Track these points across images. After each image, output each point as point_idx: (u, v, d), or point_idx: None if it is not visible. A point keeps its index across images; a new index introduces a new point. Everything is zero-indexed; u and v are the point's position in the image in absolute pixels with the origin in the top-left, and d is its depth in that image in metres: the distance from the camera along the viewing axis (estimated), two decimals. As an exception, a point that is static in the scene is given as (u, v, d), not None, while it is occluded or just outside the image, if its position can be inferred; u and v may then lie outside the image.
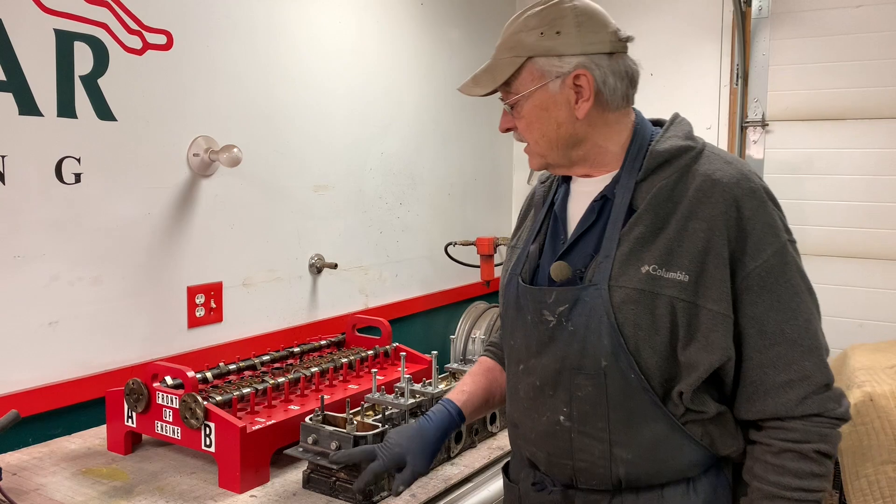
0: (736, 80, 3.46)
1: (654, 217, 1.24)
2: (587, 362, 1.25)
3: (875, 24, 3.19)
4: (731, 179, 1.23)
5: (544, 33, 1.28)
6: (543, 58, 1.28)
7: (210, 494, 1.65)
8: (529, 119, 1.33)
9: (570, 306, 1.27)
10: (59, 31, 1.94)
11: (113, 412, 1.88)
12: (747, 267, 1.22)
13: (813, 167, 3.36)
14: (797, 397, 1.21)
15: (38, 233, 1.94)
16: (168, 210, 2.24)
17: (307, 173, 2.73)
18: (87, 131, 2.02)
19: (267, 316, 2.60)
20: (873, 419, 2.50)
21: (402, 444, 1.43)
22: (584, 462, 1.29)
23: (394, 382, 1.95)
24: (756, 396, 1.23)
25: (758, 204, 1.23)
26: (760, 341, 1.22)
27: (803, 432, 1.21)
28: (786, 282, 1.23)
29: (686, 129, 1.33)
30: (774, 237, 1.24)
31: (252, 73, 2.48)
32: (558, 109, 1.30)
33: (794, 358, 1.21)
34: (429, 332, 3.43)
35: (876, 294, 3.25)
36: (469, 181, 3.69)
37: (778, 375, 1.22)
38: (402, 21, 3.19)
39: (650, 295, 1.21)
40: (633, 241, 1.24)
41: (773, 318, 1.22)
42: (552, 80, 1.28)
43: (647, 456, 1.26)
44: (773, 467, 1.22)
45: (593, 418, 1.27)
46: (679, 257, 1.21)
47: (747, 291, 1.22)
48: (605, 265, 1.25)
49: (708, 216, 1.21)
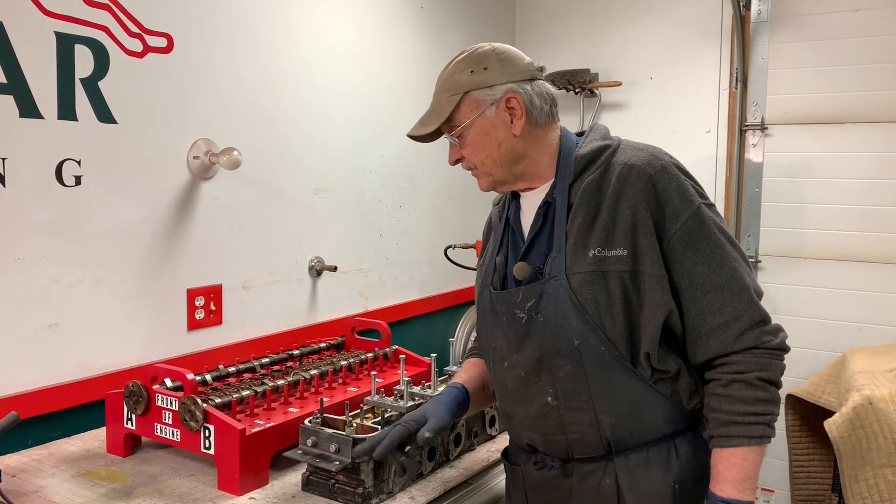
0: (735, 84, 3.46)
1: (587, 208, 1.43)
2: (562, 345, 1.43)
3: (874, 27, 3.19)
4: (644, 161, 1.42)
5: (474, 71, 1.48)
6: (477, 90, 1.47)
7: (209, 497, 1.65)
8: (474, 144, 1.50)
9: (537, 300, 1.45)
10: (60, 34, 1.94)
11: (112, 414, 1.88)
12: (669, 231, 1.40)
13: (812, 171, 3.36)
14: (734, 334, 1.38)
15: (39, 235, 1.94)
16: (168, 212, 2.25)
17: (307, 176, 2.74)
18: (87, 134, 2.02)
19: (266, 318, 2.60)
20: (872, 423, 2.50)
21: (420, 409, 1.56)
22: (576, 433, 1.46)
23: (393, 385, 1.95)
24: (700, 341, 1.41)
25: (669, 177, 1.41)
26: (692, 292, 1.40)
27: (745, 364, 1.38)
28: (706, 238, 1.40)
29: (602, 132, 1.54)
30: (688, 202, 1.41)
31: (252, 76, 2.48)
32: (497, 131, 1.48)
33: (724, 301, 1.39)
34: (428, 334, 3.43)
35: (875, 298, 3.25)
36: (469, 184, 3.65)
37: (713, 319, 1.39)
38: (403, 24, 3.19)
39: (601, 274, 1.40)
40: (576, 232, 1.43)
41: (699, 270, 1.40)
42: (488, 108, 1.47)
43: (628, 415, 1.44)
44: (724, 398, 1.39)
45: (576, 392, 1.44)
46: (616, 236, 1.40)
47: (673, 252, 1.40)
48: (560, 258, 1.43)
49: (630, 196, 1.40)
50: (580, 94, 3.71)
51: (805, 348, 3.29)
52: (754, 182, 3.47)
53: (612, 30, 3.75)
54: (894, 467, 2.47)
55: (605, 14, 3.77)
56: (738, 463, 1.37)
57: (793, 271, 3.35)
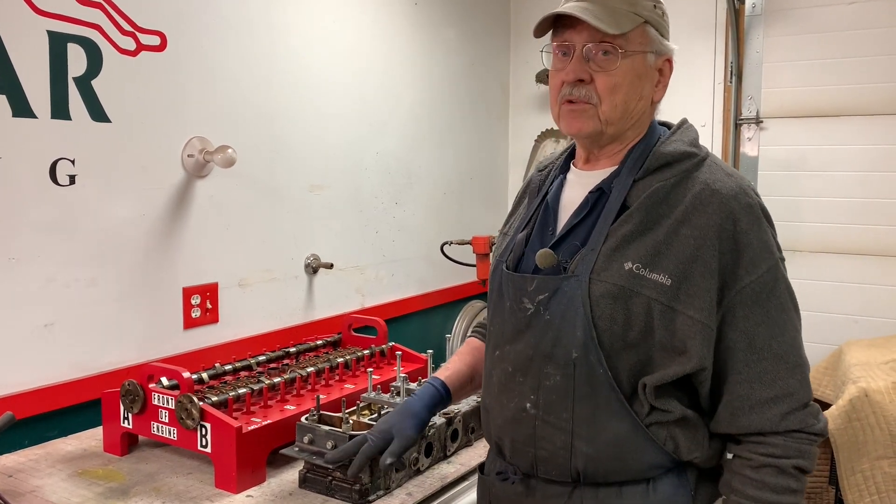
0: (730, 78, 3.46)
1: (644, 216, 1.25)
2: (558, 352, 1.27)
3: (868, 20, 3.19)
4: (730, 192, 1.24)
5: (656, 7, 1.31)
6: (654, 29, 1.30)
7: (206, 495, 1.65)
8: (620, 80, 1.27)
9: (550, 295, 1.28)
10: (53, 33, 1.94)
11: (109, 413, 1.87)
12: (742, 281, 1.22)
13: (807, 164, 3.37)
14: (780, 413, 1.22)
15: (33, 235, 1.94)
16: (163, 211, 2.24)
17: (303, 173, 2.74)
18: (81, 133, 2.02)
19: (263, 316, 2.60)
20: (868, 415, 2.50)
21: (389, 420, 1.46)
22: (545, 451, 1.30)
23: (390, 382, 1.95)
24: (741, 411, 1.24)
25: (754, 220, 1.24)
26: (749, 355, 1.23)
27: (784, 448, 1.22)
28: (776, 298, 1.24)
29: (692, 136, 1.35)
30: (769, 254, 1.25)
31: (247, 74, 2.48)
32: (646, 83, 1.31)
33: (779, 374, 1.23)
34: (425, 331, 3.44)
35: (871, 290, 3.25)
36: (465, 180, 3.69)
37: (764, 391, 1.23)
38: (397, 20, 3.19)
39: (629, 292, 1.22)
40: (620, 238, 1.25)
41: (762, 333, 1.23)
42: (651, 53, 1.30)
43: (608, 453, 1.26)
44: (751, 481, 1.23)
45: (558, 408, 1.28)
46: (665, 260, 1.22)
47: (740, 306, 1.23)
48: (590, 258, 1.26)
49: (701, 225, 1.22)
50: (575, 89, 3.70)
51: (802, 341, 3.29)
52: (749, 176, 3.46)
53: (606, 24, 3.74)
54: (890, 459, 2.47)
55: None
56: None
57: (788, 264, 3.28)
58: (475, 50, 3.71)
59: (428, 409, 1.47)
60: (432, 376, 1.53)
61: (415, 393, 1.51)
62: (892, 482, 2.47)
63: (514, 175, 4.06)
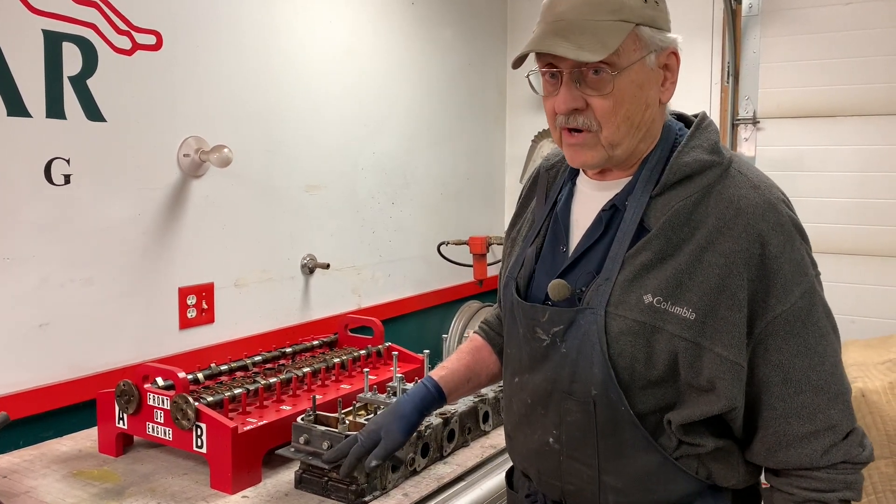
0: (727, 78, 3.47)
1: (665, 243, 1.13)
2: (577, 388, 1.18)
3: (865, 21, 3.20)
4: (758, 210, 1.12)
5: (648, 1, 1.15)
6: (648, 27, 1.14)
7: (202, 495, 1.64)
8: (621, 97, 1.14)
9: (566, 328, 1.19)
10: (48, 32, 1.93)
11: (104, 414, 1.87)
12: (773, 311, 1.11)
13: (804, 164, 3.37)
14: (822, 447, 1.13)
15: (28, 234, 1.93)
16: (159, 211, 2.24)
17: (299, 173, 2.73)
18: (76, 132, 2.01)
19: (259, 316, 2.59)
20: (865, 415, 2.51)
21: (378, 421, 1.41)
22: (573, 486, 1.24)
23: (386, 382, 1.95)
24: (779, 447, 1.14)
25: (785, 240, 1.12)
26: (785, 389, 1.13)
27: (828, 482, 1.13)
28: (813, 324, 1.13)
29: (713, 139, 1.20)
30: (803, 276, 1.13)
31: (243, 73, 2.47)
32: (650, 88, 1.16)
33: (819, 406, 1.12)
34: (422, 331, 3.43)
35: (867, 290, 3.26)
36: (462, 180, 3.69)
37: (803, 426, 1.12)
38: (394, 20, 3.18)
39: (650, 328, 1.12)
40: (638, 266, 1.14)
41: (798, 364, 1.12)
42: (650, 54, 1.15)
43: (638, 486, 1.18)
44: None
45: (582, 445, 1.20)
46: (688, 292, 1.11)
47: (772, 337, 1.12)
48: (605, 288, 1.15)
49: (728, 251, 1.10)
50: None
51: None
52: (746, 176, 3.47)
53: (603, 25, 3.74)
54: (887, 459, 2.48)
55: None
56: None
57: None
58: (472, 50, 3.70)
59: (418, 411, 1.41)
60: (427, 376, 1.47)
61: (406, 393, 1.45)
62: (888, 482, 2.47)
63: (511, 175, 4.06)
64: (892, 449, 2.47)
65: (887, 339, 3.03)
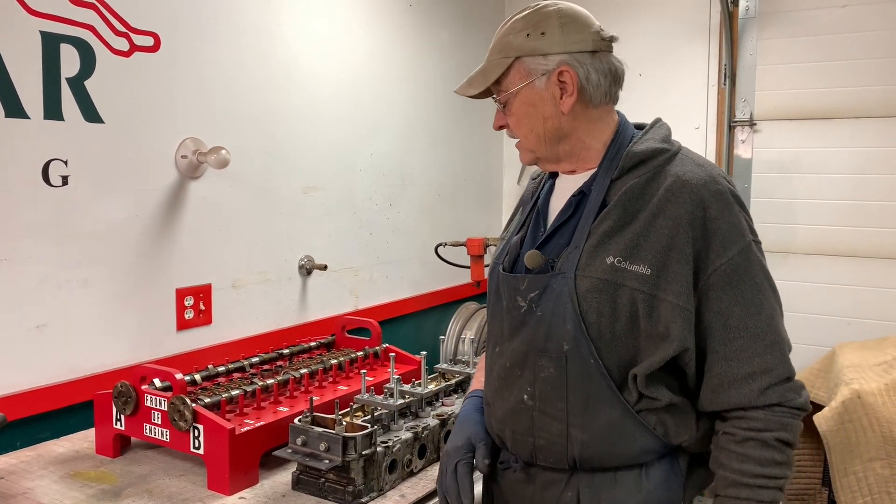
0: (724, 80, 3.47)
1: (622, 212, 1.32)
2: (551, 345, 1.34)
3: (861, 23, 3.21)
4: (700, 181, 1.31)
5: (530, 35, 1.36)
6: (530, 57, 1.37)
7: (199, 497, 1.65)
8: (519, 115, 1.41)
9: (540, 293, 1.37)
10: (45, 34, 1.93)
11: (101, 415, 1.87)
12: (714, 264, 1.29)
13: (801, 166, 3.38)
14: (759, 388, 1.28)
15: (26, 236, 1.93)
16: (156, 212, 2.24)
17: (296, 174, 2.73)
18: (74, 134, 2.01)
19: (256, 318, 2.59)
20: (861, 416, 2.51)
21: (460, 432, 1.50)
22: (544, 440, 1.38)
23: (383, 383, 1.95)
24: (720, 388, 1.30)
25: (724, 205, 1.30)
26: (725, 334, 1.29)
27: (765, 421, 1.28)
28: (750, 279, 1.30)
29: (664, 133, 1.41)
30: (739, 237, 1.30)
31: (240, 75, 2.47)
32: (544, 105, 1.38)
33: (756, 351, 1.28)
34: (419, 333, 3.43)
35: (864, 292, 3.27)
36: (459, 182, 3.69)
37: (741, 367, 1.29)
38: (392, 22, 3.19)
39: (613, 285, 1.30)
40: (601, 234, 1.32)
41: (737, 312, 1.29)
42: (538, 78, 1.36)
43: (602, 439, 1.33)
44: (736, 455, 1.29)
45: (553, 399, 1.36)
46: (643, 251, 1.29)
47: (713, 288, 1.29)
48: (574, 255, 1.34)
49: (674, 214, 1.29)
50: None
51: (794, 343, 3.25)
52: (743, 178, 3.48)
53: (601, 27, 3.75)
54: (883, 461, 2.48)
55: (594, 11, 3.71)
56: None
57: (782, 266, 3.37)
58: (469, 51, 3.70)
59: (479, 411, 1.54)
60: (472, 391, 1.62)
61: (462, 408, 1.59)
62: (884, 483, 2.47)
63: (508, 176, 4.07)
64: (887, 450, 2.47)
65: (883, 341, 3.04)
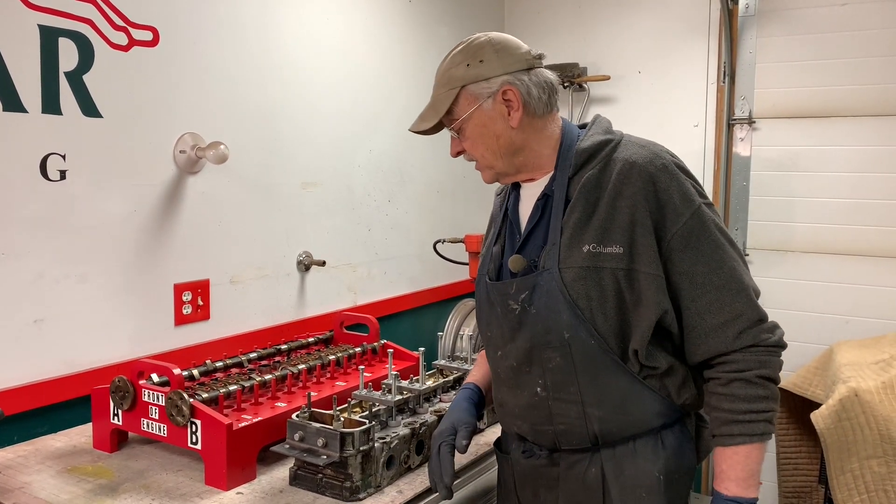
0: (723, 78, 3.47)
1: (585, 203, 1.43)
2: (552, 337, 1.45)
3: (861, 21, 3.21)
4: (645, 160, 1.42)
5: (470, 64, 1.48)
6: (473, 84, 1.48)
7: (196, 492, 1.65)
8: (473, 138, 1.51)
9: (530, 292, 1.47)
10: (44, 27, 1.93)
11: (98, 410, 1.87)
12: (670, 231, 1.40)
13: (800, 164, 3.38)
14: (733, 333, 1.39)
15: (23, 230, 1.93)
16: (154, 207, 2.23)
17: (295, 170, 2.73)
18: (72, 128, 2.01)
19: (254, 313, 2.59)
20: (858, 414, 2.52)
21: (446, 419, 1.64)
22: (563, 425, 1.49)
23: (381, 379, 1.95)
24: (699, 340, 1.42)
25: (670, 177, 1.42)
26: (693, 291, 1.41)
27: (744, 362, 1.39)
28: (706, 238, 1.41)
29: (605, 126, 1.54)
30: (689, 202, 1.41)
31: (239, 70, 2.47)
32: (495, 124, 1.49)
33: (724, 301, 1.40)
34: (417, 329, 3.43)
35: (862, 290, 3.27)
36: (458, 178, 3.69)
37: (713, 318, 1.40)
38: (391, 18, 3.18)
39: (595, 270, 1.41)
40: (572, 227, 1.43)
41: (700, 270, 1.40)
42: (485, 101, 1.48)
43: (616, 409, 1.45)
44: (724, 397, 1.41)
45: (565, 384, 1.46)
46: (612, 233, 1.40)
47: (673, 252, 1.40)
48: (553, 252, 1.45)
49: (630, 194, 1.40)
50: (569, 88, 3.71)
51: (792, 341, 3.26)
52: (742, 176, 3.48)
53: (600, 24, 3.75)
54: (880, 459, 2.49)
55: (594, 8, 3.77)
56: (742, 461, 1.39)
57: (780, 265, 3.37)
58: (469, 48, 3.70)
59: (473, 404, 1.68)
60: (465, 384, 1.75)
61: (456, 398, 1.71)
62: (881, 481, 2.48)
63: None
64: (884, 448, 2.48)
65: (880, 340, 3.04)
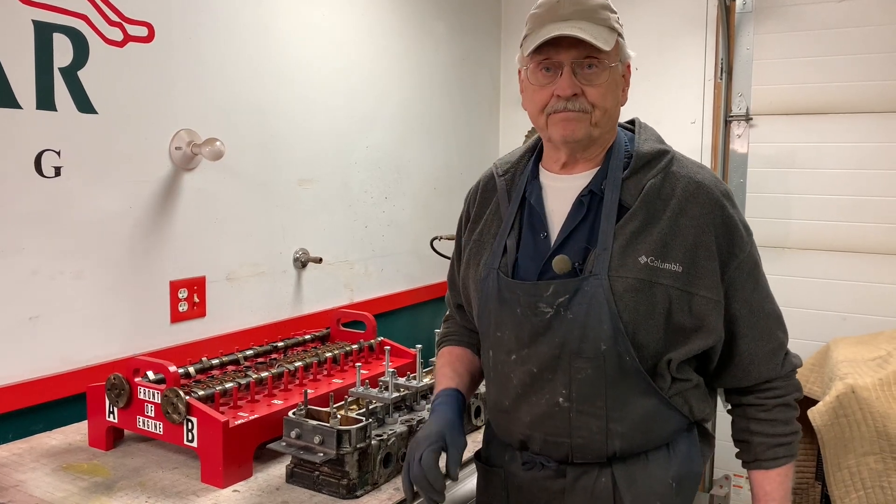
0: (720, 75, 3.47)
1: (646, 213, 1.36)
2: (587, 346, 1.35)
3: (858, 18, 3.20)
4: (710, 183, 1.41)
5: (619, 21, 1.42)
6: (623, 40, 1.41)
7: (192, 489, 1.64)
8: (605, 89, 1.38)
9: (571, 296, 1.36)
10: (38, 23, 1.91)
11: (94, 407, 1.86)
12: (737, 258, 1.39)
13: (797, 161, 3.38)
14: (779, 361, 1.46)
15: (18, 227, 1.92)
16: (150, 204, 2.22)
17: (292, 167, 2.72)
18: (67, 124, 1.99)
19: (251, 310, 2.58)
20: (855, 411, 2.52)
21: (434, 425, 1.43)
22: (582, 438, 1.39)
23: (378, 377, 1.95)
24: (753, 365, 1.44)
25: (733, 205, 1.42)
26: (752, 319, 1.43)
27: (786, 387, 1.47)
28: (759, 268, 1.45)
29: (657, 134, 1.50)
30: (749, 232, 1.44)
31: (235, 66, 2.46)
32: (619, 88, 1.42)
33: (773, 329, 1.45)
34: (414, 326, 3.43)
35: (859, 287, 3.27)
36: (455, 175, 3.68)
37: (767, 345, 1.44)
38: (388, 14, 3.17)
39: (649, 284, 1.34)
40: (628, 235, 1.36)
41: (756, 298, 1.43)
42: (619, 63, 1.40)
43: (639, 428, 1.40)
44: (768, 422, 1.46)
45: (592, 398, 1.38)
46: (672, 250, 1.35)
47: (737, 280, 1.40)
48: (604, 257, 1.35)
49: (697, 214, 1.36)
50: (566, 84, 3.70)
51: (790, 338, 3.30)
52: (739, 173, 3.48)
53: (597, 20, 3.74)
54: (876, 455, 2.49)
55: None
56: (784, 481, 1.46)
57: (777, 261, 3.37)
58: (466, 44, 3.70)
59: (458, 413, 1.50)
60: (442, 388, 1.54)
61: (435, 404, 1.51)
62: (877, 478, 2.48)
63: (505, 170, 4.05)
64: (881, 445, 2.48)
65: (877, 336, 3.04)
